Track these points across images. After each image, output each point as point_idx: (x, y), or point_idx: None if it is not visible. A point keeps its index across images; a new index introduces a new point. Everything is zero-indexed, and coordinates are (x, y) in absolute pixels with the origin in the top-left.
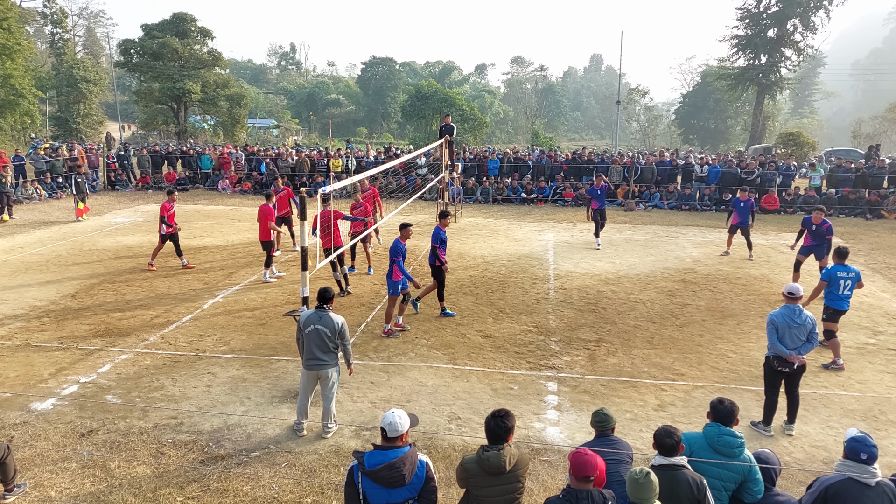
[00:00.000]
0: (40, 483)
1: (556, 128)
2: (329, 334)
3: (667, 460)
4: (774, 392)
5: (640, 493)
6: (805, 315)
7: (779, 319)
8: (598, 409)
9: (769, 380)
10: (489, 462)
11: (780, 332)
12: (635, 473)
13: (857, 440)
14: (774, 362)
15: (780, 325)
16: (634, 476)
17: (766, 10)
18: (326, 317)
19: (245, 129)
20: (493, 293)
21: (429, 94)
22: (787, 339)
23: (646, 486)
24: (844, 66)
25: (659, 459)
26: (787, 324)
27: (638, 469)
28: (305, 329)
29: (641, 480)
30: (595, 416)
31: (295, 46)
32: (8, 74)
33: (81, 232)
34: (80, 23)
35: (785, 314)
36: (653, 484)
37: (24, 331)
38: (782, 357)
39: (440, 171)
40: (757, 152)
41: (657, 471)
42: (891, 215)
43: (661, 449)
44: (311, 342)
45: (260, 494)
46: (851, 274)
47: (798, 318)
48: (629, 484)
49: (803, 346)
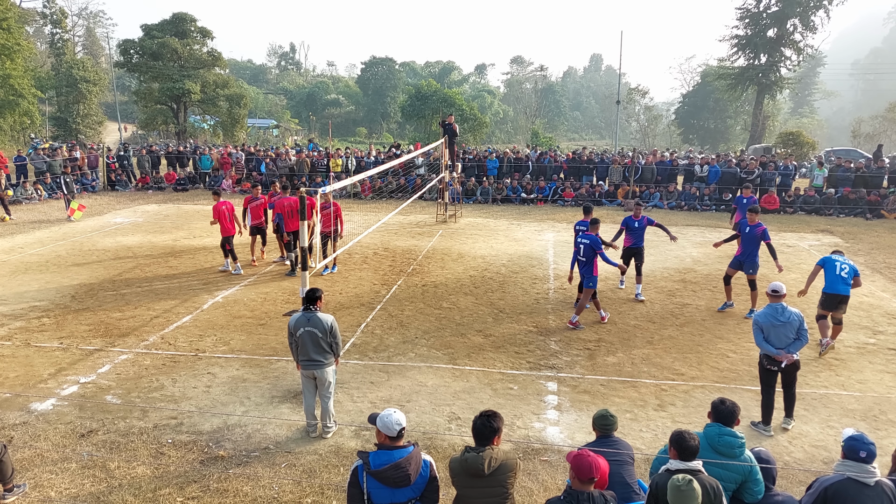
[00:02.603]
0: (40, 483)
1: (556, 128)
2: (320, 335)
3: (685, 465)
4: (769, 391)
5: (683, 500)
6: (789, 312)
7: (762, 319)
8: (602, 410)
9: (763, 379)
10: (468, 463)
11: (765, 331)
12: (678, 481)
13: (854, 439)
14: (764, 360)
15: (764, 324)
16: (677, 483)
17: (765, 9)
18: (315, 318)
19: (245, 130)
20: (493, 293)
21: (428, 94)
22: (773, 337)
23: (688, 495)
24: (844, 65)
25: (676, 464)
26: (771, 323)
27: (680, 476)
28: (296, 333)
29: (684, 488)
30: (599, 418)
31: (295, 46)
32: (7, 74)
33: (81, 232)
34: (79, 23)
35: (768, 313)
36: (695, 492)
37: (24, 331)
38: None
39: (440, 171)
40: (757, 152)
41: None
42: (891, 215)
43: (682, 453)
44: (304, 344)
45: (260, 495)
46: (848, 264)
47: (781, 316)
48: (671, 492)
49: (793, 343)
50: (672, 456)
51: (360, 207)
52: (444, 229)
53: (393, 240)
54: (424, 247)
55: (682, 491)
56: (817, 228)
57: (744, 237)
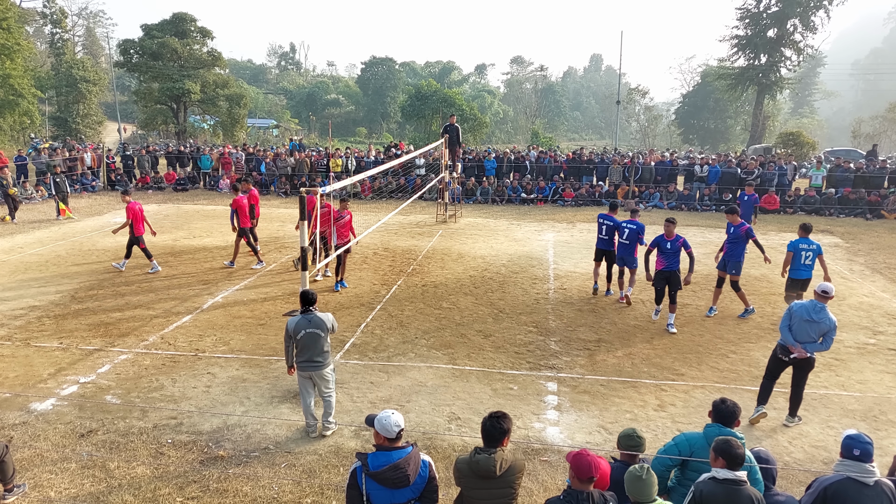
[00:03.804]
0: (40, 483)
1: (556, 128)
2: (322, 334)
3: (733, 474)
4: (771, 378)
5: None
6: (826, 315)
7: (797, 308)
8: (628, 429)
9: (771, 367)
10: (479, 465)
11: (793, 320)
12: (637, 470)
13: (850, 437)
14: (779, 349)
15: (797, 313)
16: (636, 473)
17: (766, 10)
18: (316, 318)
19: (245, 129)
20: (493, 293)
21: (428, 94)
22: (797, 329)
23: (648, 483)
24: (844, 65)
25: (724, 473)
26: (803, 316)
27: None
28: (297, 335)
29: (644, 477)
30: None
31: (295, 46)
32: (7, 74)
33: (81, 232)
34: (79, 23)
35: (807, 307)
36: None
37: (23, 331)
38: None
39: (440, 171)
40: (757, 152)
41: (720, 485)
42: (891, 215)
43: (730, 462)
44: (305, 346)
45: (259, 495)
46: (812, 247)
47: (817, 314)
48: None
49: (813, 343)
50: (719, 465)
51: (360, 207)
52: (444, 229)
53: (393, 240)
54: (424, 247)
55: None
56: (817, 228)
57: (728, 237)
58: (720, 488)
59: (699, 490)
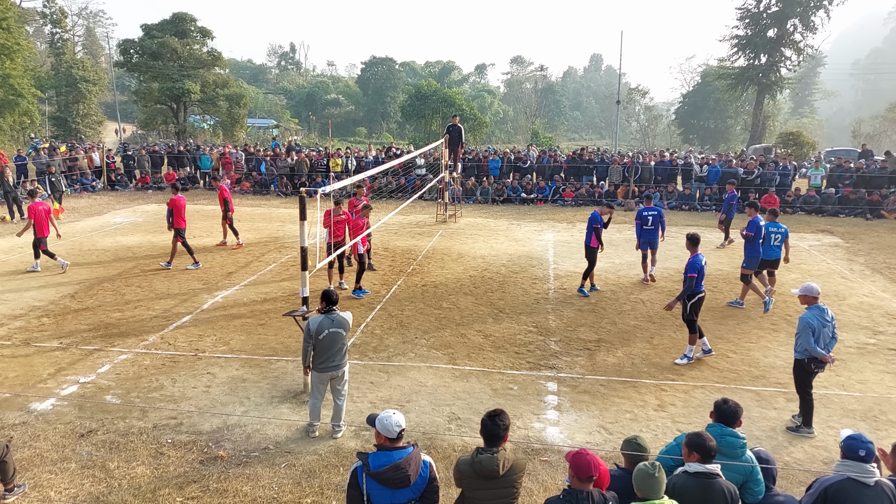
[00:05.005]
0: (40, 483)
1: (556, 128)
2: (343, 333)
3: (704, 468)
4: (809, 391)
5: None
6: (830, 313)
7: (815, 322)
8: (631, 436)
9: (804, 382)
10: (482, 465)
11: (815, 333)
12: (648, 467)
13: (853, 438)
14: (811, 364)
15: (816, 326)
16: (648, 470)
17: (766, 9)
18: (338, 318)
19: (244, 129)
20: (493, 293)
21: (428, 94)
22: (820, 339)
23: (660, 480)
24: (844, 65)
25: (696, 466)
26: (821, 325)
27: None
28: (320, 335)
29: (657, 474)
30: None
31: (295, 46)
32: (7, 74)
33: (81, 232)
34: (79, 23)
35: (817, 316)
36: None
37: (23, 331)
38: (817, 358)
39: (440, 171)
40: (757, 152)
41: (692, 478)
42: (891, 215)
43: (704, 455)
44: (328, 346)
45: (259, 495)
46: (781, 230)
47: (826, 315)
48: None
49: (831, 342)
50: (693, 459)
51: None
52: (444, 229)
53: (393, 240)
54: (424, 247)
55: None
56: (817, 228)
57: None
58: (693, 481)
59: (671, 483)
